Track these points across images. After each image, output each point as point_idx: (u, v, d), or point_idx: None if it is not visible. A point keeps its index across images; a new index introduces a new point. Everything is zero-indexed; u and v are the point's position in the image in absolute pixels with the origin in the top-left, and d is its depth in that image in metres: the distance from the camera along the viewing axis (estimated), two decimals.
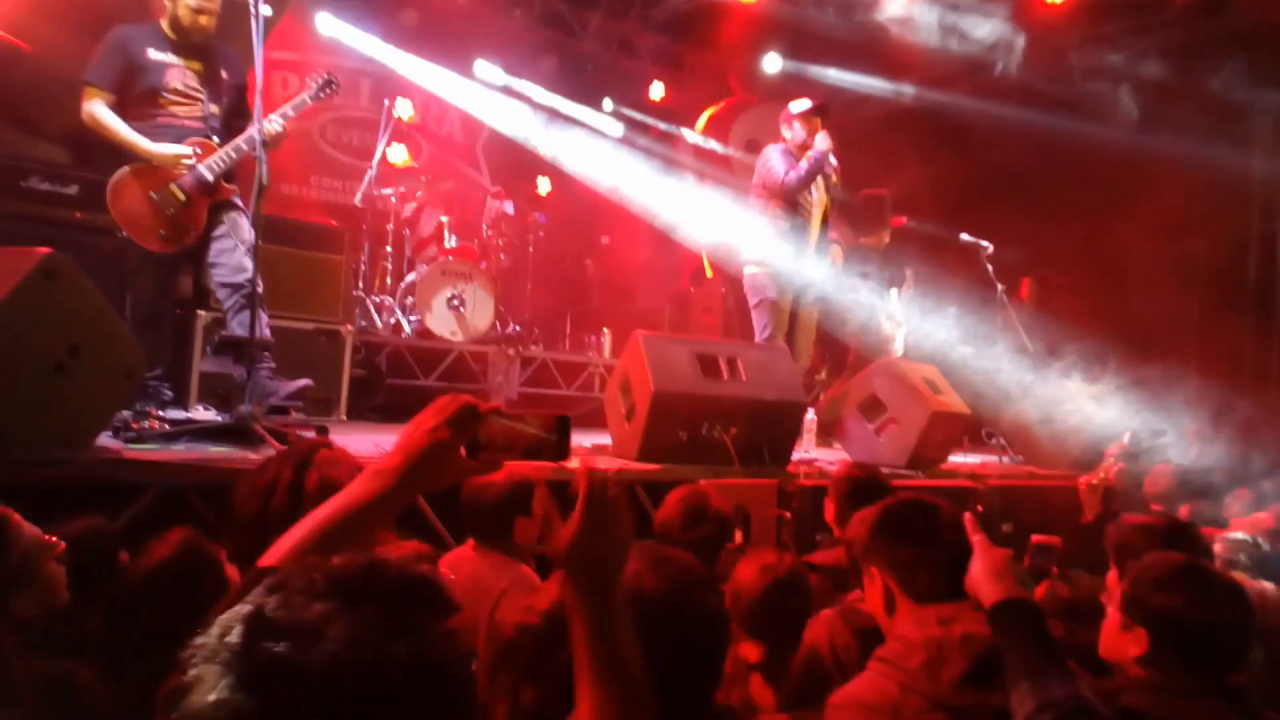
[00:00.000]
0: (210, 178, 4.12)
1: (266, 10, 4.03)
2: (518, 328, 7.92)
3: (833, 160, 5.77)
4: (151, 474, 3.20)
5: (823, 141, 5.65)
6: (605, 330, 8.55)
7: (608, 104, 10.68)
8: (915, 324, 6.96)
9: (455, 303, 6.97)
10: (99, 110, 4.06)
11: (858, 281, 6.89)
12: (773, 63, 10.24)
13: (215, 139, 4.20)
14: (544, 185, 9.78)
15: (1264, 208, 8.51)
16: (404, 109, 8.32)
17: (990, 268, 6.80)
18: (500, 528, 2.80)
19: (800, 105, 5.92)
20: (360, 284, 7.39)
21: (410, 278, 7.31)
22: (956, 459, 6.01)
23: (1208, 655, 1.87)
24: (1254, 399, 7.91)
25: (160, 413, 3.94)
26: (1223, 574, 2.10)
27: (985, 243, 6.88)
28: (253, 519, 1.76)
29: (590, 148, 10.37)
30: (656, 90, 10.91)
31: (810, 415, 5.35)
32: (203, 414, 4.46)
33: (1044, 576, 2.71)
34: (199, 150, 4.13)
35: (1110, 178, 8.37)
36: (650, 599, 1.52)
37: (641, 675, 1.20)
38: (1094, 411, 6.22)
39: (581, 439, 5.12)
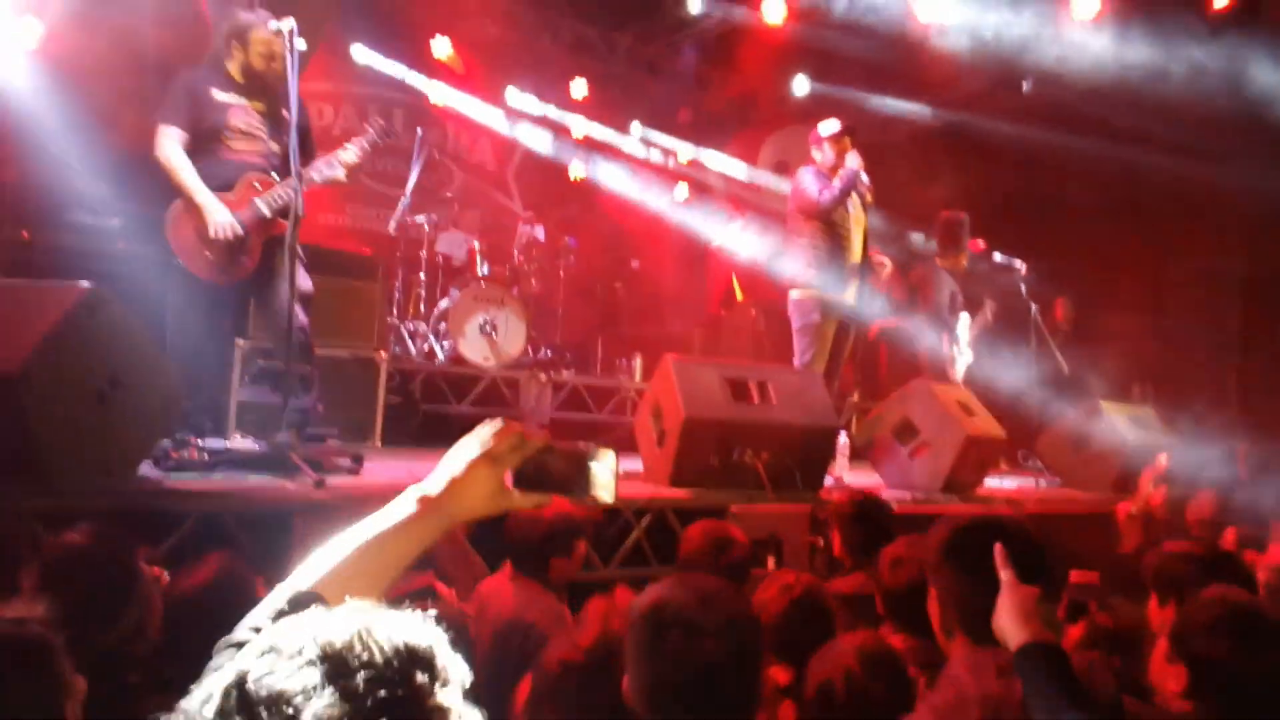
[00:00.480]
0: (267, 213, 4.16)
1: (301, 44, 4.13)
2: (549, 352, 7.96)
3: (865, 179, 5.75)
4: (191, 503, 3.25)
5: (854, 160, 5.64)
6: (636, 354, 8.57)
7: (636, 127, 10.76)
8: (982, 354, 6.92)
9: (488, 328, 7.03)
10: (171, 150, 4.13)
11: (903, 303, 6.90)
12: (801, 85, 10.27)
13: (275, 175, 4.26)
14: (575, 210, 9.85)
15: None
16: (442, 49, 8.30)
17: (1024, 288, 6.74)
18: (539, 563, 2.82)
19: (829, 127, 5.92)
20: (394, 310, 7.48)
21: (443, 304, 7.38)
22: (993, 482, 5.94)
23: (1248, 699, 1.84)
24: None
25: (200, 442, 3.99)
26: (1271, 613, 2.05)
27: (1019, 262, 6.82)
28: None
29: (620, 171, 10.45)
30: (685, 113, 10.98)
31: (843, 439, 5.32)
32: (240, 442, 4.52)
33: (1083, 614, 2.66)
34: (258, 185, 4.19)
35: (1143, 196, 8.29)
36: (678, 606, 1.55)
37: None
38: (1131, 432, 6.13)
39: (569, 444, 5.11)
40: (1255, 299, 8.44)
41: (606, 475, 1.28)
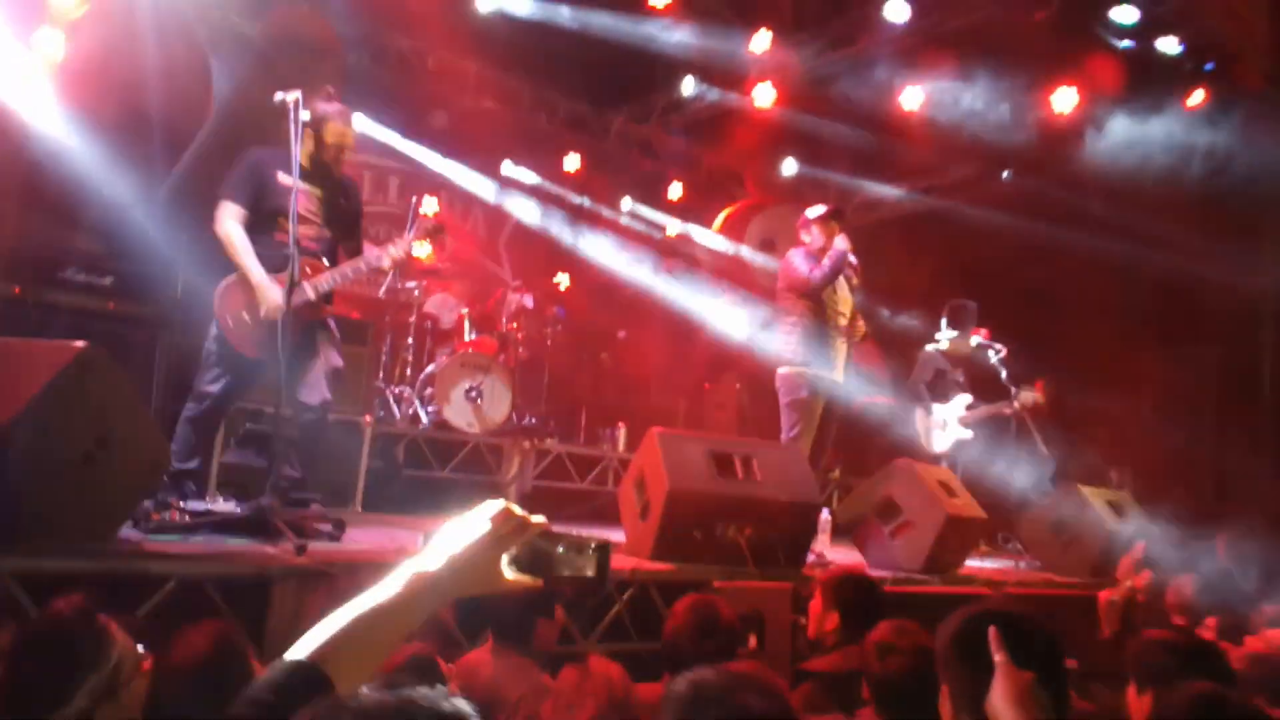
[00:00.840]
0: (312, 296, 4.28)
1: (306, 115, 4.24)
2: (534, 420, 7.98)
3: (852, 259, 5.89)
4: (171, 566, 3.22)
5: (842, 242, 5.79)
6: (621, 424, 8.60)
7: (627, 202, 10.96)
8: (971, 436, 6.99)
9: (473, 394, 7.05)
10: (232, 227, 4.28)
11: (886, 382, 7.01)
12: (789, 166, 10.53)
13: (325, 260, 4.42)
14: (564, 280, 9.96)
15: (1274, 316, 8.58)
16: (429, 206, 8.58)
17: (1004, 372, 6.84)
18: (521, 629, 2.80)
19: (816, 210, 6.08)
20: (381, 374, 7.50)
21: (430, 369, 7.41)
22: (973, 564, 5.95)
23: None
24: (1273, 505, 7.84)
25: (181, 503, 3.97)
26: (1244, 706, 2.06)
27: (998, 345, 6.94)
28: None
29: (610, 244, 10.61)
30: (675, 190, 11.20)
31: (826, 515, 5.33)
32: (222, 505, 4.49)
33: None
34: (308, 269, 4.30)
35: (1122, 283, 8.48)
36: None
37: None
38: (1109, 518, 6.17)
39: (596, 534, 5.11)
40: (1232, 386, 8.60)
41: (602, 565, 1.29)
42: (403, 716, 0.80)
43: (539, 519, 1.30)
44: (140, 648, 2.02)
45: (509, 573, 1.28)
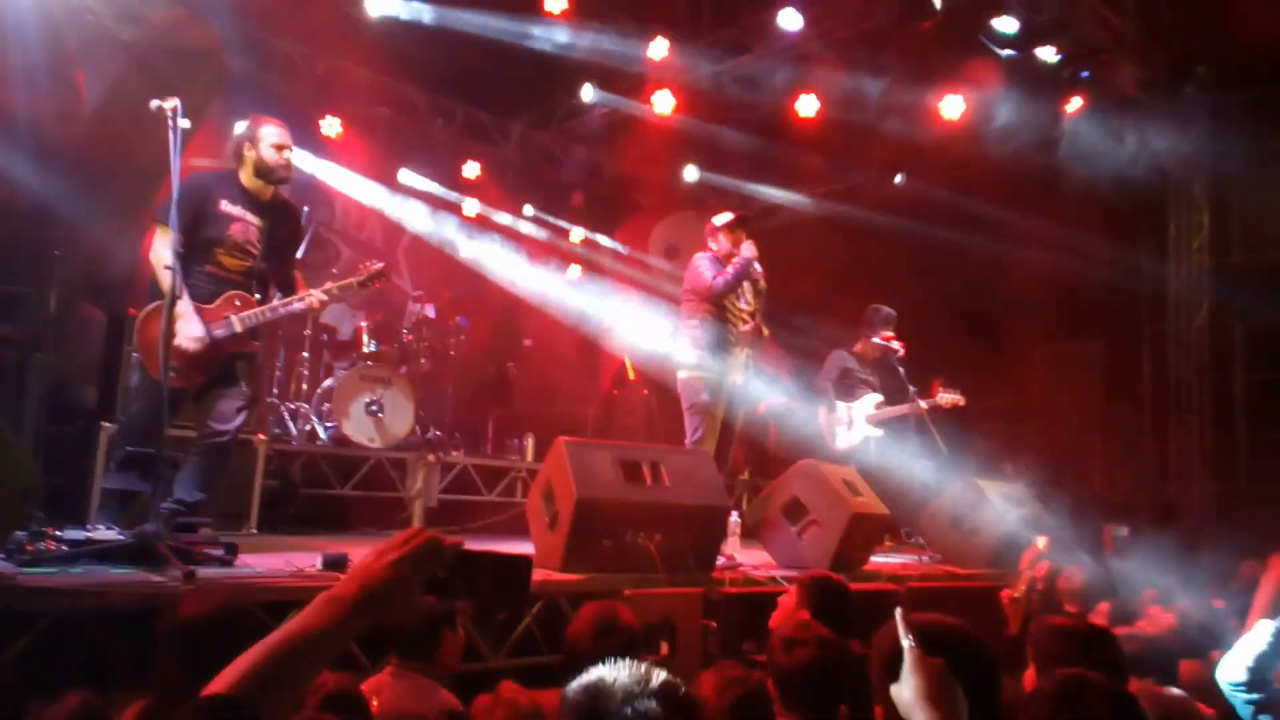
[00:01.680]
0: (239, 329, 4.26)
1: (185, 122, 4.05)
2: (438, 433, 7.81)
3: (757, 266, 5.96)
4: (46, 601, 3.02)
5: (748, 250, 5.88)
6: (529, 434, 8.50)
7: (529, 209, 10.87)
8: (881, 434, 7.12)
9: (374, 408, 6.86)
10: (163, 251, 4.09)
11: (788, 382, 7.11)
12: (690, 173, 10.61)
13: (256, 295, 4.37)
14: (465, 290, 9.81)
15: (1152, 310, 9.03)
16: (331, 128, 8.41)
17: (901, 370, 7.02)
18: (425, 645, 2.71)
19: (723, 218, 6.18)
20: (275, 390, 7.24)
21: (327, 383, 7.19)
22: (878, 559, 6.07)
23: None
24: (1156, 493, 8.25)
25: (58, 532, 3.74)
26: (1105, 686, 2.09)
27: (896, 344, 7.12)
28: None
29: (512, 252, 10.51)
30: (577, 198, 11.17)
31: (735, 518, 5.36)
32: (103, 532, 4.24)
33: None
34: (238, 303, 4.28)
35: (1010, 282, 8.81)
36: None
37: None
38: (1006, 510, 6.38)
39: (507, 548, 5.03)
40: (1115, 380, 9.01)
41: (523, 581, 1.27)
42: None
43: (454, 540, 1.27)
44: None
45: (427, 599, 1.26)
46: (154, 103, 3.93)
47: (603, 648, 2.79)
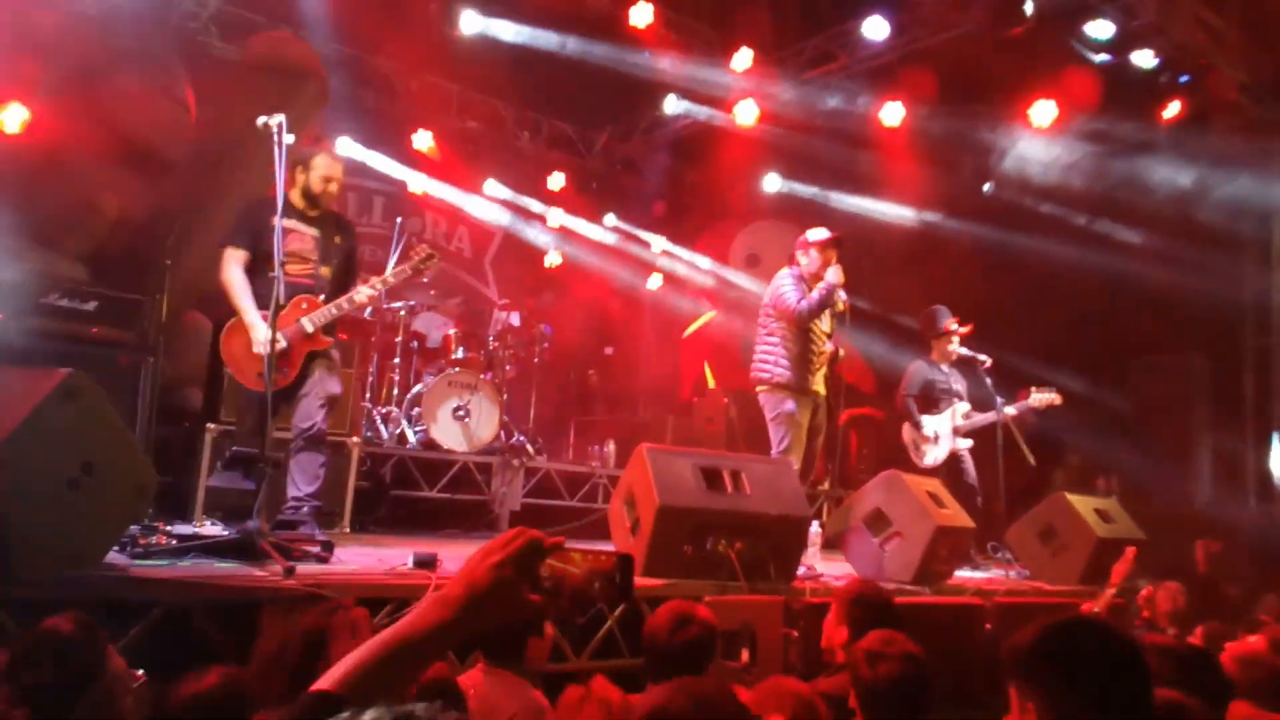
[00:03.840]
0: (310, 329, 4.55)
1: (290, 138, 4.26)
2: (522, 438, 7.96)
3: (843, 295, 5.89)
4: (157, 591, 3.20)
5: (835, 275, 5.78)
6: (609, 441, 8.59)
7: (611, 219, 11.00)
8: (965, 445, 7.02)
9: (460, 414, 7.03)
10: (232, 271, 4.58)
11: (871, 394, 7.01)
12: (772, 182, 10.59)
13: (321, 297, 4.65)
14: (550, 298, 9.98)
15: (1256, 324, 8.66)
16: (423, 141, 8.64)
17: (989, 381, 6.87)
18: (512, 648, 2.79)
19: (819, 234, 6.04)
20: (367, 395, 7.47)
21: (417, 389, 7.39)
22: (963, 574, 5.97)
23: None
24: (1259, 512, 7.90)
25: (168, 527, 3.95)
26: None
27: (983, 356, 6.97)
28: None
29: (595, 260, 10.65)
30: (659, 207, 11.26)
31: (815, 528, 5.34)
32: (209, 528, 4.47)
33: None
34: (305, 305, 4.58)
35: (1107, 293, 8.55)
36: (676, 712, 1.53)
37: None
38: (1097, 525, 6.20)
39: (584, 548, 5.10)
40: (1216, 394, 8.66)
41: (622, 578, 1.28)
42: None
43: (556, 539, 1.29)
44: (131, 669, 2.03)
45: (533, 599, 1.27)
46: (260, 119, 4.14)
47: (679, 638, 2.83)
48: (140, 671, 2.03)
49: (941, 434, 7.00)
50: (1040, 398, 6.80)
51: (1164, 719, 2.06)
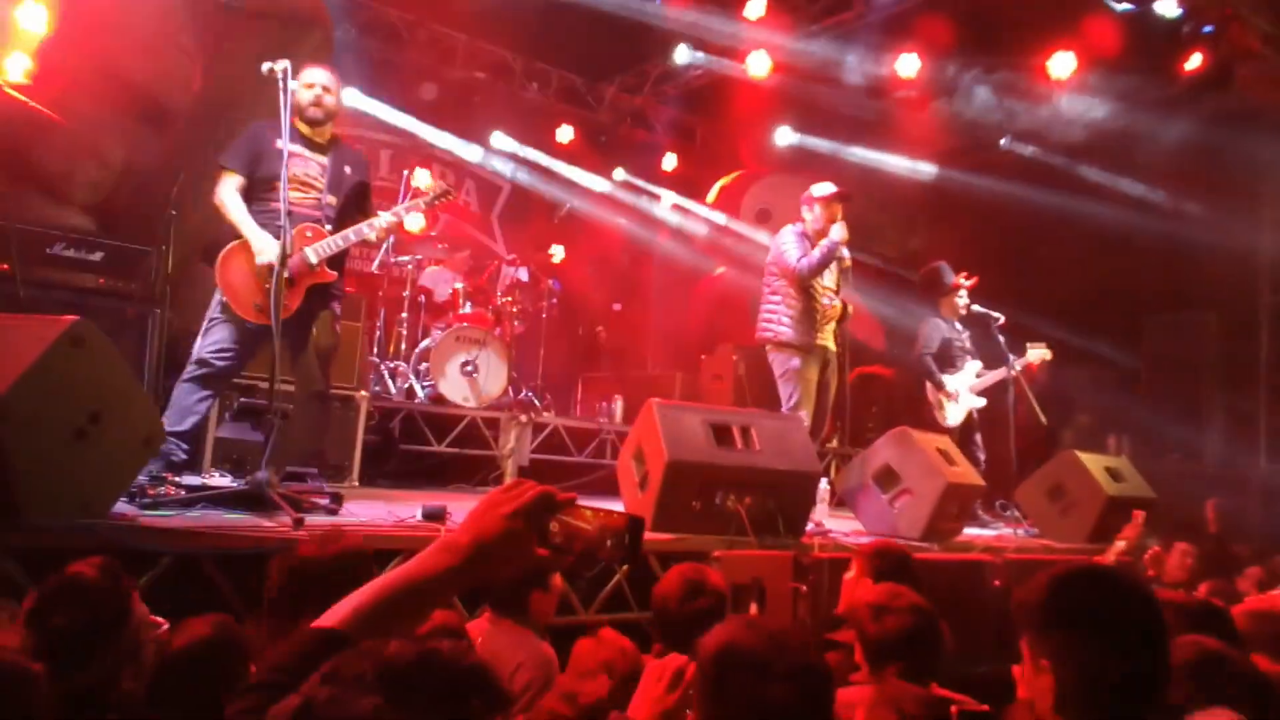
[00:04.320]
0: (314, 261, 4.27)
1: (295, 84, 4.19)
2: (530, 394, 7.95)
3: (845, 253, 5.79)
4: (167, 541, 3.20)
5: (839, 232, 5.65)
6: (617, 397, 8.57)
7: (620, 174, 10.88)
8: (980, 404, 6.98)
9: (469, 369, 7.02)
10: (226, 192, 4.29)
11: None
12: (784, 136, 10.44)
13: (328, 227, 4.36)
14: (558, 253, 9.90)
15: (1273, 281, 8.55)
16: (421, 179, 8.51)
17: (1002, 339, 6.81)
18: (516, 600, 2.78)
19: (824, 189, 5.92)
20: (375, 350, 7.46)
21: (425, 344, 7.37)
22: (971, 531, 5.96)
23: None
24: (1271, 473, 7.87)
25: (176, 478, 3.95)
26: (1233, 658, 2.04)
27: (996, 314, 6.90)
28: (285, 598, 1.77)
29: (604, 215, 10.55)
30: (669, 161, 11.12)
31: (824, 485, 5.33)
32: (217, 479, 4.47)
33: None
34: (309, 234, 4.29)
35: (1118, 251, 8.44)
36: (749, 648, 1.53)
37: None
38: (1107, 483, 6.18)
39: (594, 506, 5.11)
40: (1229, 354, 8.58)
41: (631, 539, 1.26)
42: (422, 668, 0.80)
43: (568, 494, 1.27)
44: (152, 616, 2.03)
45: (540, 552, 1.26)
46: (265, 65, 4.07)
47: (691, 608, 2.82)
48: (163, 620, 2.02)
49: (961, 391, 6.96)
50: (1035, 353, 6.75)
51: (1203, 662, 2.03)
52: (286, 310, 4.19)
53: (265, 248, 4.17)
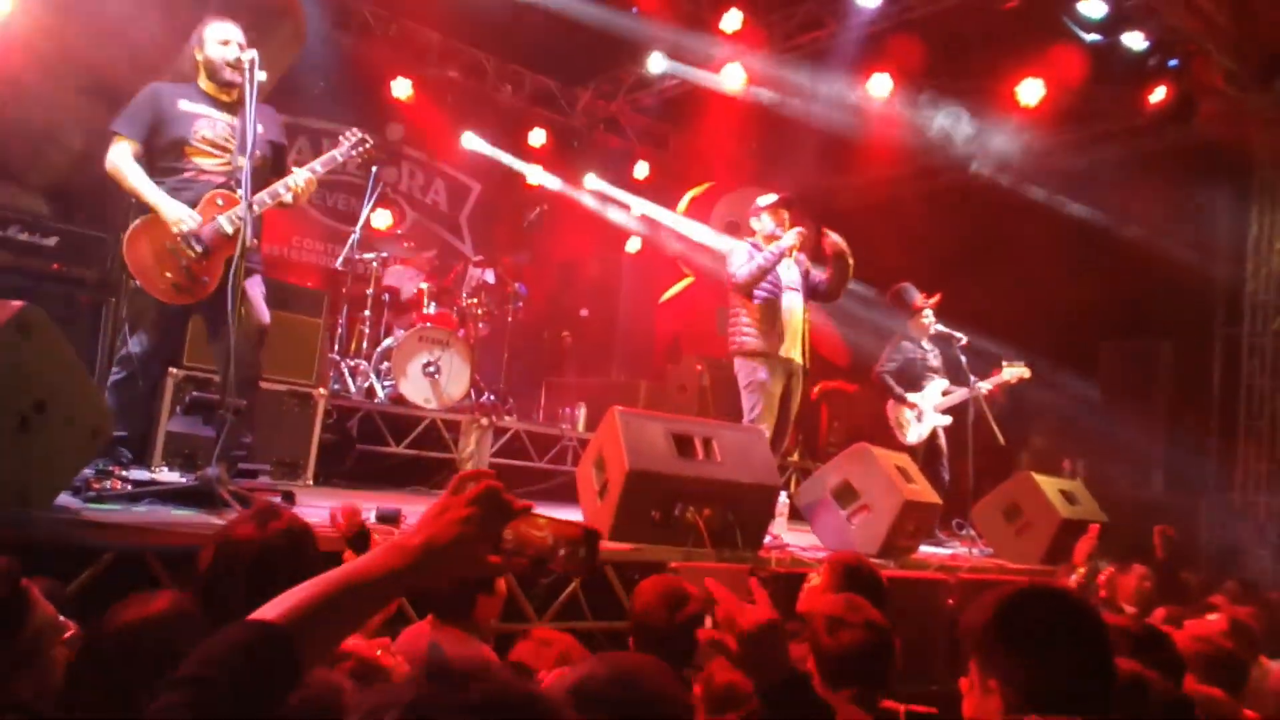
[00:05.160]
0: (229, 229, 3.98)
1: (262, 75, 4.10)
2: (492, 397, 7.88)
3: (800, 257, 5.87)
4: (109, 536, 3.11)
5: (791, 238, 5.74)
6: (580, 404, 8.53)
7: (591, 179, 10.86)
8: (944, 422, 7.05)
9: (431, 369, 6.94)
10: (119, 157, 3.99)
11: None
12: (757, 149, 10.49)
13: (240, 192, 3.95)
14: (525, 257, 9.85)
15: (1226, 313, 8.73)
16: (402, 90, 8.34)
17: (964, 359, 6.88)
18: (460, 605, 2.73)
19: (766, 199, 6.04)
20: (336, 347, 7.35)
21: (387, 343, 7.29)
22: (927, 549, 5.99)
23: None
24: (1219, 502, 8.02)
25: (123, 472, 3.85)
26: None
27: (959, 334, 6.97)
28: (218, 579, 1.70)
29: (573, 221, 10.51)
30: (641, 169, 11.13)
31: (783, 498, 5.33)
32: (167, 474, 4.36)
33: None
34: (220, 202, 4.01)
35: (1073, 276, 8.57)
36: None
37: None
38: (1062, 506, 6.24)
39: (552, 514, 5.06)
40: (1182, 382, 8.74)
41: (587, 550, 1.24)
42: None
43: (523, 503, 1.25)
44: (61, 618, 1.92)
45: (491, 559, 1.23)
46: (234, 54, 3.99)
47: (679, 618, 2.79)
48: (72, 622, 1.91)
49: (925, 410, 7.03)
50: (1012, 371, 6.85)
51: (1126, 689, 2.05)
52: (205, 288, 3.99)
53: (183, 215, 3.91)
